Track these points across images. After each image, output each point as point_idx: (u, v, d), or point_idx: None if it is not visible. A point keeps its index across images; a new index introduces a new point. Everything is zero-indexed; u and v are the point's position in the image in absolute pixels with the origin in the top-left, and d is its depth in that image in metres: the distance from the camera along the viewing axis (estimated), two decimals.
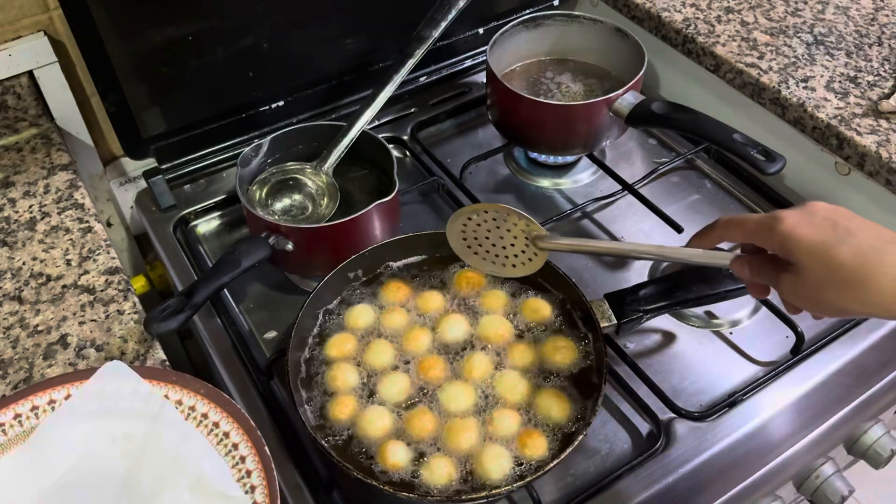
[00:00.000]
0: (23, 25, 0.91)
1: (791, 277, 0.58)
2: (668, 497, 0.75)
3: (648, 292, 0.81)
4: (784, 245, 0.57)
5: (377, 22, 1.07)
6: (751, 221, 0.61)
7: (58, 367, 0.75)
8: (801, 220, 0.57)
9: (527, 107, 0.99)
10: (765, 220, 0.59)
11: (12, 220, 0.89)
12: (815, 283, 0.56)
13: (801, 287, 0.57)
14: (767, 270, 0.61)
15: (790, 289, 0.59)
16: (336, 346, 0.80)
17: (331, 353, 0.79)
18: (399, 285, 0.85)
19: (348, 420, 0.74)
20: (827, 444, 0.81)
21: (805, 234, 0.56)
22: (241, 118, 1.04)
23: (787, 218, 0.58)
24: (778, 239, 0.58)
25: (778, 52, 1.07)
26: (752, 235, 0.61)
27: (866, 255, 0.54)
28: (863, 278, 0.54)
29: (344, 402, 0.75)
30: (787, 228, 0.57)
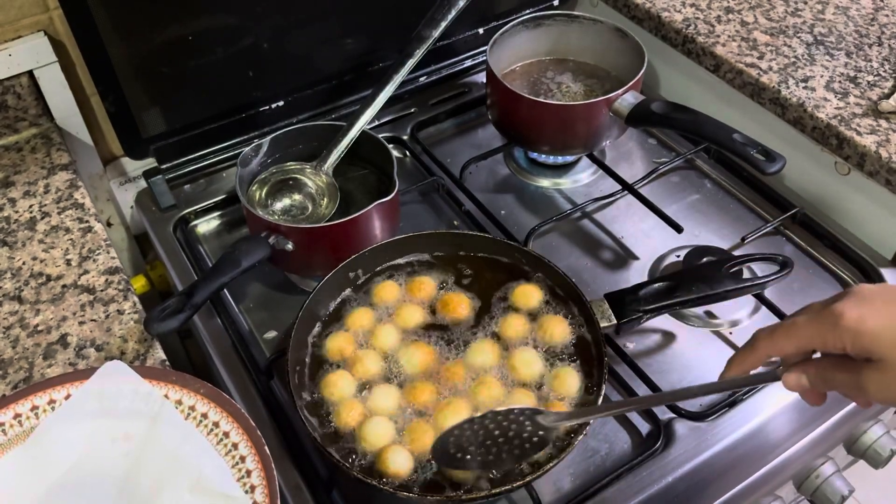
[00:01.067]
0: (23, 25, 0.91)
1: (878, 375, 0.51)
2: (667, 497, 0.75)
3: (648, 292, 0.81)
4: (858, 343, 0.51)
5: (377, 22, 1.07)
6: (801, 326, 0.54)
7: (58, 367, 0.75)
8: (863, 311, 0.52)
9: (527, 107, 0.99)
10: (821, 321, 0.53)
11: (12, 220, 0.89)
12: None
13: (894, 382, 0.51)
14: (836, 375, 0.55)
15: (879, 389, 0.52)
16: (335, 347, 0.80)
17: (330, 354, 0.79)
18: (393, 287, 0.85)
19: (348, 422, 0.74)
20: (827, 444, 0.81)
21: (879, 323, 0.51)
22: (241, 118, 1.04)
23: (846, 312, 0.52)
24: (848, 338, 0.52)
25: (778, 52, 1.07)
26: (810, 343, 0.55)
27: None
28: None
29: (344, 404, 0.75)
30: (853, 324, 0.51)
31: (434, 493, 0.69)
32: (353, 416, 0.74)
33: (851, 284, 0.93)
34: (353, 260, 0.84)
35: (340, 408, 0.74)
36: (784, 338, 0.56)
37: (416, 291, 0.84)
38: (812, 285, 0.94)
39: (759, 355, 0.58)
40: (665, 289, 0.82)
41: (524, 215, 1.03)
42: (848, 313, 0.52)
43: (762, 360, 0.58)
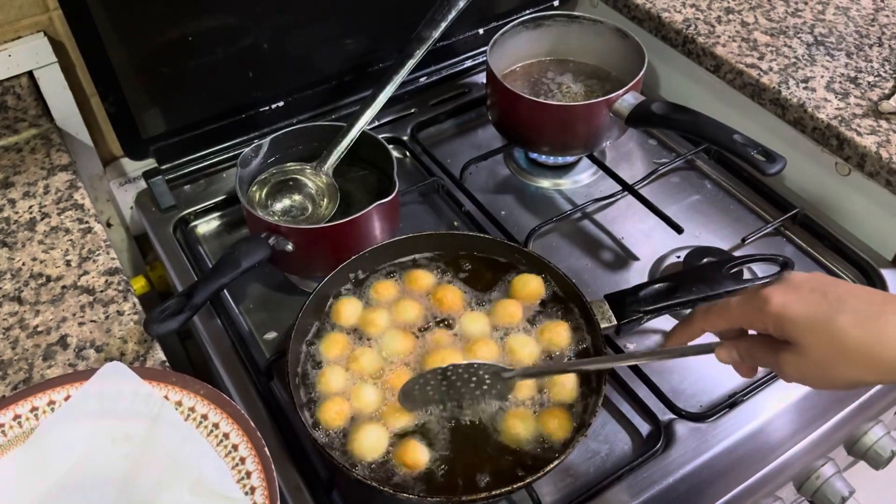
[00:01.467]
0: (23, 26, 0.91)
1: (794, 358, 0.56)
2: (668, 498, 0.75)
3: (648, 293, 0.81)
4: (780, 326, 0.56)
5: (377, 22, 1.07)
6: (734, 308, 0.59)
7: (57, 368, 0.75)
8: (788, 297, 0.56)
9: (527, 107, 0.99)
10: (749, 304, 0.58)
11: (12, 221, 0.89)
12: (819, 359, 0.54)
13: (807, 366, 0.55)
14: (761, 354, 0.59)
15: (794, 370, 0.56)
16: (334, 348, 0.80)
17: (329, 355, 0.79)
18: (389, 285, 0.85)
19: (346, 424, 0.74)
20: (827, 445, 0.81)
21: (799, 311, 0.55)
22: (241, 118, 1.04)
23: (772, 297, 0.56)
24: (771, 320, 0.56)
25: (778, 53, 1.07)
26: (739, 321, 0.60)
27: (867, 322, 0.53)
28: (868, 346, 0.53)
29: (342, 404, 0.75)
30: (777, 309, 0.55)
31: (434, 495, 0.69)
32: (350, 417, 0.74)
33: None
34: (354, 261, 0.84)
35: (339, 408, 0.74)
36: (717, 316, 0.61)
37: (412, 284, 0.85)
38: None
39: (694, 329, 0.64)
40: (665, 289, 0.82)
41: (524, 216, 1.03)
42: (774, 299, 0.56)
43: (698, 335, 0.64)
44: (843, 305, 0.54)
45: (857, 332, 0.53)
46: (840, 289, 0.56)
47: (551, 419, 0.73)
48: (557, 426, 0.73)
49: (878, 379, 0.54)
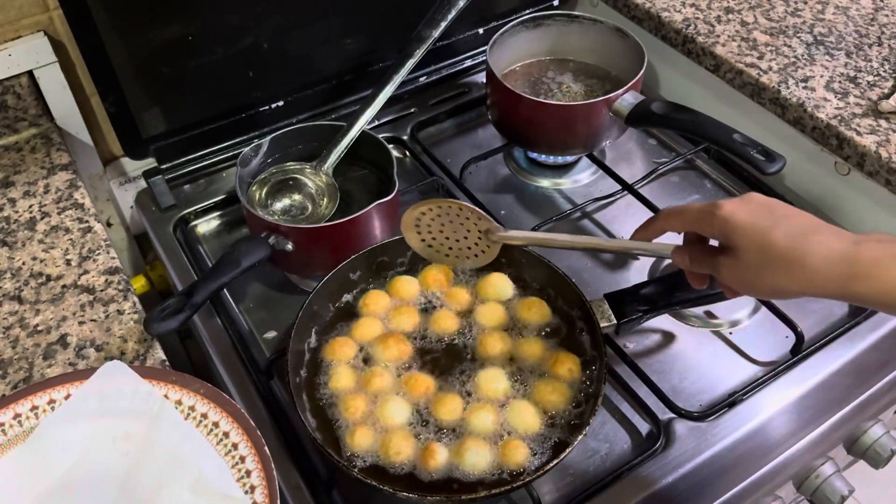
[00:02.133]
0: (23, 25, 0.91)
1: (729, 261, 0.61)
2: (667, 497, 0.75)
3: (648, 292, 0.81)
4: (723, 230, 0.61)
5: (377, 22, 1.07)
6: (691, 210, 0.64)
7: (57, 367, 0.75)
8: (738, 207, 0.61)
9: (527, 107, 0.99)
10: (705, 208, 0.62)
11: (12, 220, 0.89)
12: (751, 264, 0.60)
13: (739, 269, 0.61)
14: (706, 258, 0.65)
15: (728, 272, 0.62)
16: (335, 349, 0.80)
17: (330, 355, 0.79)
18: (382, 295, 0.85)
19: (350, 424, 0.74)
20: (827, 444, 0.81)
21: (742, 219, 0.60)
22: (241, 118, 1.04)
23: (725, 205, 0.61)
24: (717, 224, 0.61)
25: (778, 53, 1.07)
26: (693, 224, 0.64)
27: (798, 237, 0.58)
28: (795, 258, 0.57)
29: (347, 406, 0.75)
30: (725, 214, 0.60)
31: (434, 493, 0.69)
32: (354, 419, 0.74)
33: None
34: (353, 260, 0.84)
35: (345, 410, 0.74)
36: (677, 218, 0.66)
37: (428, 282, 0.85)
38: None
39: (656, 227, 0.68)
40: (665, 289, 0.82)
41: (524, 215, 1.03)
42: (725, 207, 0.61)
43: (659, 233, 0.68)
44: (783, 219, 0.59)
45: (787, 244, 0.58)
46: (785, 209, 0.61)
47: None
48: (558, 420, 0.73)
49: (800, 290, 0.58)
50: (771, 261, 0.58)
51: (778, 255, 0.58)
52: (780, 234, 0.58)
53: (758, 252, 0.59)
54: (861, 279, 0.56)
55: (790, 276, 0.58)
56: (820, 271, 0.57)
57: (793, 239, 0.58)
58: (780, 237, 0.58)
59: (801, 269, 0.57)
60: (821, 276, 0.57)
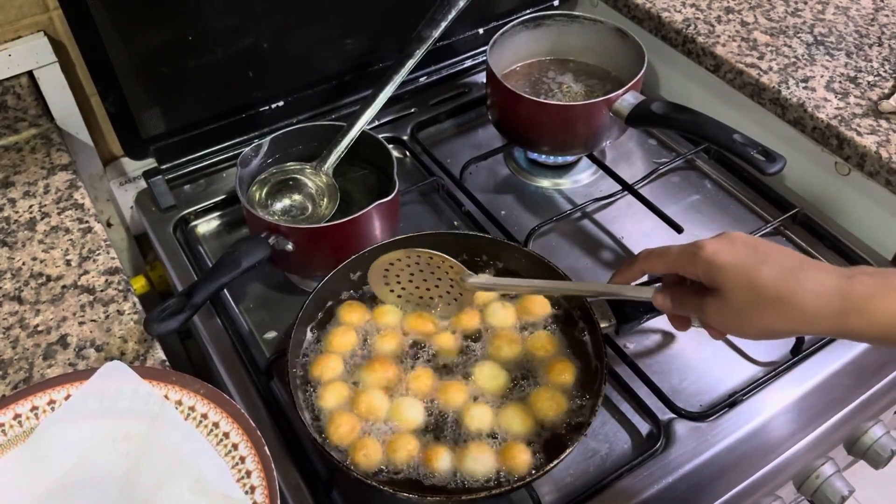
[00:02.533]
0: (23, 25, 0.91)
1: (715, 302, 0.60)
2: (668, 497, 0.75)
3: None
4: (708, 270, 0.60)
5: (377, 22, 1.07)
6: (672, 252, 0.63)
7: (58, 368, 0.75)
8: (722, 247, 0.60)
9: (527, 107, 0.99)
10: (686, 249, 0.61)
11: (12, 221, 0.89)
12: (739, 304, 0.58)
13: (726, 310, 0.60)
14: (689, 299, 0.63)
15: (715, 313, 0.61)
16: (336, 348, 0.80)
17: (331, 351, 0.79)
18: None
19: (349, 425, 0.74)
20: (827, 445, 0.81)
21: (727, 259, 0.59)
22: (241, 118, 1.04)
23: (707, 245, 0.60)
24: (701, 265, 0.60)
25: (778, 53, 1.07)
26: (675, 265, 0.63)
27: (786, 274, 0.57)
28: (784, 296, 0.56)
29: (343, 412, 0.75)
30: (709, 255, 0.59)
31: (434, 494, 0.69)
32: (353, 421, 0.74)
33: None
34: (354, 260, 0.84)
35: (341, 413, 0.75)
36: (657, 259, 0.65)
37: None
38: None
39: (635, 270, 0.67)
40: None
41: (524, 215, 1.03)
42: (708, 247, 0.60)
43: (639, 275, 0.68)
44: (768, 258, 0.58)
45: (775, 283, 0.57)
46: (768, 247, 0.60)
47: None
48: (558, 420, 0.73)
49: (790, 328, 0.58)
50: (760, 301, 0.57)
51: (767, 294, 0.57)
52: (768, 273, 0.57)
53: (746, 292, 0.58)
54: (855, 314, 0.55)
55: (781, 316, 0.57)
56: (812, 308, 0.56)
57: (781, 277, 0.57)
58: (768, 276, 0.57)
59: (791, 307, 0.56)
60: (813, 314, 0.56)
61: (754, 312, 0.58)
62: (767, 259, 0.58)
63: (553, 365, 0.77)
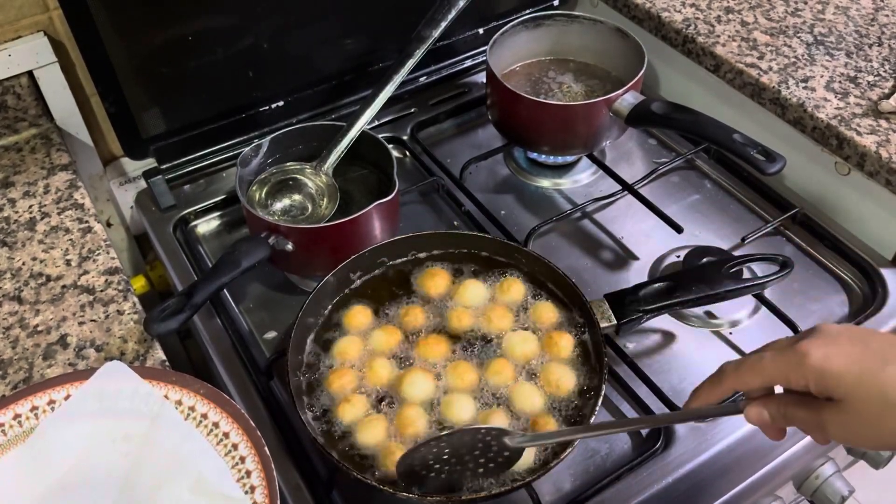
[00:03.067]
0: (23, 25, 0.91)
1: (838, 416, 0.52)
2: (667, 497, 0.75)
3: (648, 292, 0.81)
4: (821, 381, 0.52)
5: (377, 22, 1.07)
6: (768, 363, 0.55)
7: (57, 368, 0.75)
8: (829, 350, 0.52)
9: (526, 107, 0.99)
10: (787, 358, 0.54)
11: (12, 221, 0.89)
12: (870, 415, 0.51)
13: (854, 424, 0.52)
14: (798, 412, 0.55)
15: (839, 429, 0.53)
16: (338, 347, 0.80)
17: (332, 354, 0.79)
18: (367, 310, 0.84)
19: (350, 422, 0.74)
20: (827, 445, 0.81)
21: (843, 365, 0.51)
22: (241, 118, 1.04)
23: (812, 350, 0.52)
24: (812, 376, 0.52)
25: (778, 53, 1.07)
26: (775, 379, 0.55)
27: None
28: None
29: (346, 404, 0.75)
30: (818, 363, 0.52)
31: (434, 494, 0.69)
32: (355, 416, 0.74)
33: (851, 285, 0.93)
34: (353, 260, 0.84)
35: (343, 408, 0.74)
36: (750, 373, 0.56)
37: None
38: (812, 286, 0.94)
39: (725, 388, 0.58)
40: (665, 289, 0.82)
41: (524, 215, 1.03)
42: (814, 353, 0.52)
43: (727, 394, 0.59)
44: (889, 356, 0.51)
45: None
46: (881, 338, 0.53)
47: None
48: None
49: None
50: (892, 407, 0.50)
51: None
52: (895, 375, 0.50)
53: (877, 401, 0.50)
54: None
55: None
56: None
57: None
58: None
59: None
60: None
61: (889, 422, 0.51)
62: (889, 356, 0.51)
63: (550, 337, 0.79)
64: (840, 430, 0.53)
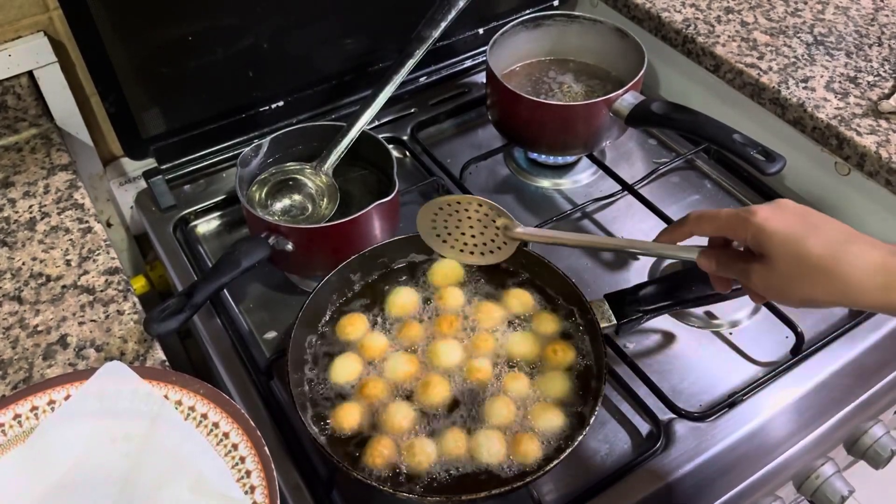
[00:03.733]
0: (23, 25, 0.91)
1: (761, 268, 0.61)
2: (667, 497, 0.75)
3: (648, 292, 0.81)
4: (757, 236, 0.60)
5: (377, 22, 1.07)
6: (723, 215, 0.63)
7: (57, 368, 0.75)
8: (773, 214, 0.60)
9: (526, 107, 0.99)
10: (738, 213, 0.62)
11: (12, 221, 0.89)
12: (785, 273, 0.59)
13: (772, 277, 0.60)
14: (736, 263, 0.64)
15: (760, 279, 0.61)
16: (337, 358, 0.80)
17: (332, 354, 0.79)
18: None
19: (351, 425, 0.74)
20: (827, 445, 0.81)
21: (778, 226, 0.59)
22: (241, 118, 1.04)
23: (759, 211, 0.60)
24: (752, 230, 0.60)
25: (778, 53, 1.07)
26: (724, 228, 0.63)
27: (835, 247, 0.57)
28: (832, 268, 0.57)
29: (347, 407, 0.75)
30: (760, 221, 0.60)
31: (434, 494, 0.69)
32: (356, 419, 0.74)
33: None
34: (354, 260, 0.84)
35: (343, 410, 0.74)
36: (707, 221, 0.65)
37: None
38: None
39: (685, 230, 0.67)
40: (665, 289, 0.82)
41: (524, 215, 1.03)
42: (759, 213, 0.60)
43: (687, 236, 0.67)
44: (818, 229, 0.59)
45: (824, 252, 0.57)
46: (819, 218, 0.61)
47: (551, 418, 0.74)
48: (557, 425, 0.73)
49: (834, 300, 0.58)
50: (806, 271, 0.58)
51: (813, 265, 0.57)
52: (816, 244, 0.57)
53: (793, 261, 0.58)
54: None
55: (826, 287, 0.57)
56: (857, 282, 0.56)
57: (828, 249, 0.57)
58: (816, 247, 0.57)
59: (836, 279, 0.56)
60: (858, 287, 0.56)
61: (799, 282, 0.58)
62: (816, 230, 0.58)
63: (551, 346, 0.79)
64: (760, 281, 0.61)
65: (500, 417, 0.74)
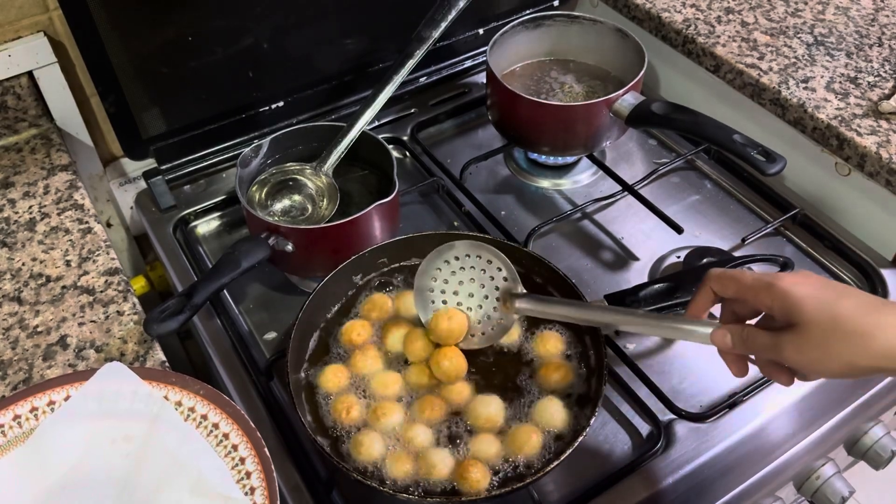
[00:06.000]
0: (23, 26, 0.91)
1: (794, 338, 0.58)
2: (668, 498, 0.75)
3: (648, 293, 0.81)
4: (785, 302, 0.58)
5: (377, 22, 1.07)
6: (746, 278, 0.61)
7: (57, 368, 0.75)
8: (799, 279, 0.59)
9: (527, 107, 0.99)
10: (761, 278, 0.60)
11: (12, 221, 0.89)
12: (821, 339, 0.56)
13: (807, 346, 0.57)
14: (760, 337, 0.61)
15: (794, 351, 0.58)
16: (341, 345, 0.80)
17: (333, 354, 0.79)
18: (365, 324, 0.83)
19: (350, 423, 0.74)
20: (827, 445, 0.81)
21: (807, 291, 0.57)
22: (240, 118, 1.04)
23: (784, 279, 0.59)
24: (778, 297, 0.58)
25: (778, 53, 1.07)
26: (747, 292, 0.61)
27: (868, 309, 0.56)
28: (868, 330, 0.55)
29: (345, 403, 0.75)
30: (787, 286, 0.58)
31: (434, 496, 0.69)
32: (356, 416, 0.74)
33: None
34: (353, 261, 0.84)
35: (343, 407, 0.74)
36: (729, 280, 0.63)
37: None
38: None
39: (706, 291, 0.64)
40: (665, 290, 0.82)
41: (524, 216, 1.03)
42: (785, 280, 0.59)
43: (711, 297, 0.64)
44: (847, 293, 0.57)
45: (858, 316, 0.55)
46: (844, 286, 0.59)
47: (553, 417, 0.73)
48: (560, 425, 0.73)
49: (873, 364, 0.56)
50: (842, 336, 0.55)
51: (851, 329, 0.55)
52: (849, 306, 0.56)
53: (828, 326, 0.56)
54: None
55: (863, 349, 0.55)
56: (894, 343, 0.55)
57: (864, 311, 0.56)
58: (849, 308, 0.56)
59: (874, 342, 0.55)
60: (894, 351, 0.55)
61: (837, 347, 0.56)
62: (847, 293, 0.57)
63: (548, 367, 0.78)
64: (794, 351, 0.58)
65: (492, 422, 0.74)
